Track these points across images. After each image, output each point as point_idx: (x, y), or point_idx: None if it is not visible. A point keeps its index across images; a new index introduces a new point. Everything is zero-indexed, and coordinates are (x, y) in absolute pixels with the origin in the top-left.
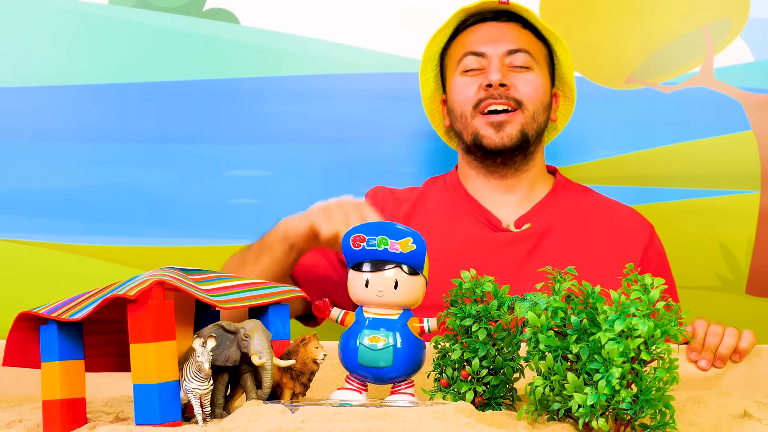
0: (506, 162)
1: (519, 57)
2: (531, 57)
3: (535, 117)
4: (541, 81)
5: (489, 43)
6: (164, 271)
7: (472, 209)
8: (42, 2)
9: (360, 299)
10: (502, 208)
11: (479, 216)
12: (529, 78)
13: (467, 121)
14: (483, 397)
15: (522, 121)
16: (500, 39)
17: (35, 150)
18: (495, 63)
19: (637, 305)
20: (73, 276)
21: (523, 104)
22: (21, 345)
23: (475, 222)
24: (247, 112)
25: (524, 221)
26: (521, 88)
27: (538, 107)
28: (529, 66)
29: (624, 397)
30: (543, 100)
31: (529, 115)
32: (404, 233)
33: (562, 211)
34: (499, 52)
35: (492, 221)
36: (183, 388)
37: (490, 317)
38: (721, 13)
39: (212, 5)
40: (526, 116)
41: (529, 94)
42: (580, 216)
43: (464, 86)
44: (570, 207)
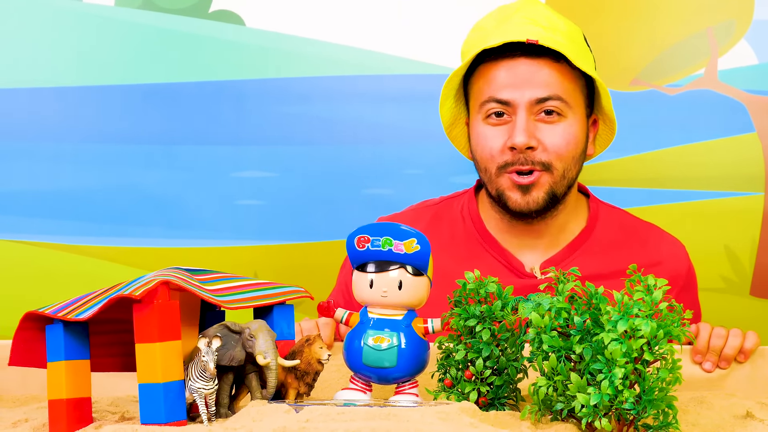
0: (532, 219)
1: (550, 105)
2: (563, 102)
3: (565, 174)
4: (573, 130)
5: (515, 89)
6: (169, 271)
7: (492, 249)
8: (48, 4)
9: (364, 300)
10: (526, 251)
11: (500, 258)
12: (560, 131)
13: (491, 178)
14: (487, 397)
15: (550, 181)
16: (528, 83)
17: (41, 151)
18: (521, 119)
19: (640, 306)
20: (78, 276)
21: (552, 165)
22: (27, 345)
23: (494, 264)
24: (252, 114)
25: (550, 266)
26: (550, 146)
27: (569, 162)
28: (561, 112)
29: (627, 397)
30: (575, 152)
31: (559, 174)
32: (408, 234)
33: (592, 255)
34: (526, 100)
35: (514, 265)
36: (188, 388)
37: (493, 318)
38: (725, 16)
39: (218, 7)
40: (555, 176)
41: (558, 151)
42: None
43: (487, 139)
44: (601, 250)
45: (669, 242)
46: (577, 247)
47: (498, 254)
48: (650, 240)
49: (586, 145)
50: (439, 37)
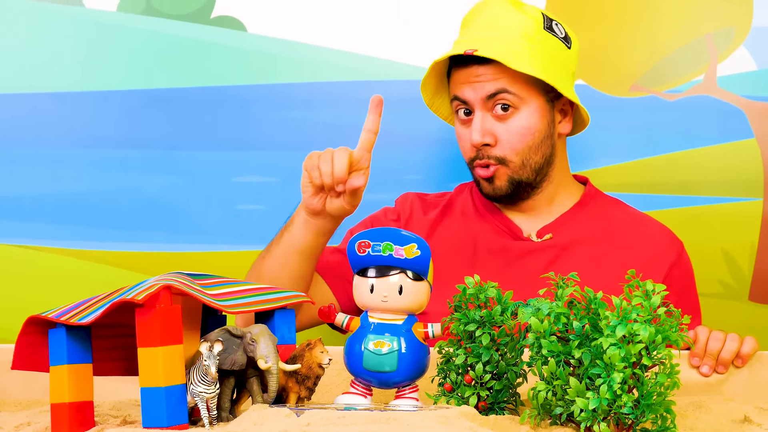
0: (510, 201)
1: (500, 99)
2: (513, 95)
3: (525, 162)
4: (527, 122)
5: (469, 87)
6: (171, 275)
7: (494, 218)
8: (49, 9)
9: (365, 304)
10: (524, 219)
11: (501, 224)
12: (513, 127)
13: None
14: (486, 401)
15: (508, 173)
16: (479, 82)
17: (42, 155)
18: (476, 120)
19: (639, 311)
20: (80, 281)
21: (506, 159)
22: (30, 349)
23: (497, 230)
24: (254, 119)
25: (546, 231)
26: (505, 141)
27: (526, 153)
28: (514, 105)
29: (625, 401)
30: (532, 142)
31: (517, 165)
32: (409, 239)
33: (586, 223)
34: (478, 98)
35: (513, 230)
36: (190, 392)
37: (493, 322)
38: (724, 22)
39: (220, 13)
40: (512, 168)
41: (512, 146)
42: (605, 229)
43: (460, 138)
44: (596, 220)
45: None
46: (572, 216)
47: (499, 221)
48: (646, 222)
49: (551, 129)
50: (440, 43)
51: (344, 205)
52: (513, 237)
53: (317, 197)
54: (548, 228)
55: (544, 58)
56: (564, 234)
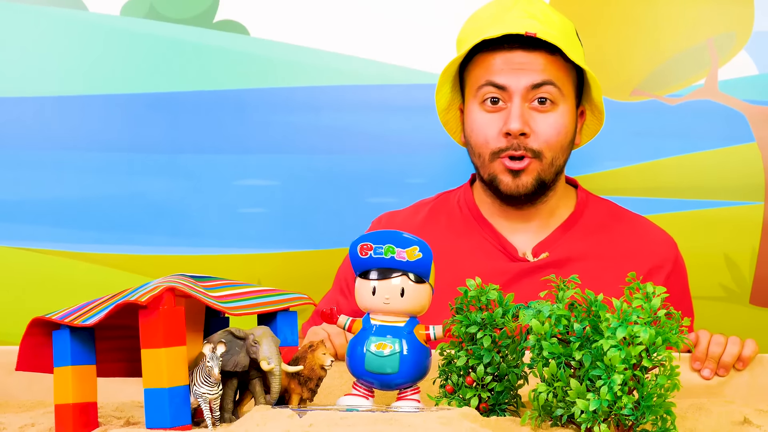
0: (522, 203)
1: (544, 90)
2: (557, 89)
3: (553, 162)
4: (564, 120)
5: (511, 74)
6: (175, 278)
7: (487, 234)
8: (52, 13)
9: (367, 307)
10: (519, 234)
11: (494, 242)
12: (551, 121)
13: (485, 162)
14: (487, 403)
15: (539, 168)
16: (524, 70)
17: (46, 159)
18: (516, 106)
19: (639, 313)
20: (84, 284)
21: (542, 153)
22: (34, 350)
23: (490, 248)
24: (256, 123)
25: (542, 249)
26: (541, 135)
27: (558, 152)
28: (554, 100)
29: (626, 403)
30: (564, 142)
31: (547, 163)
32: (411, 242)
33: (582, 237)
34: (521, 86)
35: (508, 249)
36: (193, 393)
37: (494, 325)
38: (725, 27)
39: (222, 17)
40: (543, 164)
41: (548, 141)
42: (601, 241)
43: (483, 125)
44: (591, 231)
45: (657, 230)
46: (567, 230)
47: (493, 239)
48: (638, 226)
49: (574, 134)
50: (442, 47)
51: None
52: (508, 257)
53: None
54: (543, 245)
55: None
56: (560, 250)
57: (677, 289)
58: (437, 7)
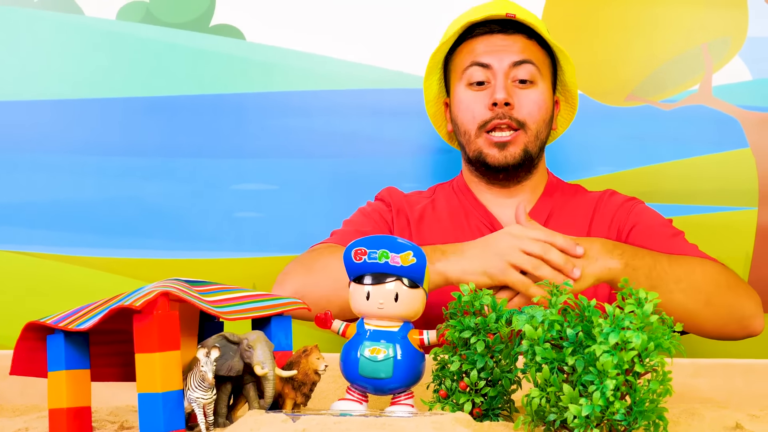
0: (509, 177)
1: (524, 69)
2: (536, 68)
3: (537, 135)
4: (543, 96)
5: (494, 54)
6: (169, 282)
7: (478, 213)
8: (49, 17)
9: (361, 311)
10: (506, 210)
11: (485, 220)
12: (533, 96)
13: (471, 138)
14: (481, 408)
15: (525, 140)
16: (505, 50)
17: (42, 163)
18: (500, 80)
19: (631, 318)
20: (78, 287)
21: (526, 125)
22: (28, 354)
23: (481, 225)
24: (252, 127)
25: None
26: (524, 108)
27: (541, 125)
28: (533, 79)
29: (618, 408)
30: (545, 117)
31: (532, 134)
32: (405, 247)
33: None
34: (504, 64)
35: (495, 227)
36: (187, 398)
37: (488, 330)
38: (720, 33)
39: (218, 21)
40: (528, 136)
41: (532, 113)
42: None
43: (469, 102)
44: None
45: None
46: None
47: (483, 216)
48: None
49: (552, 115)
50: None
51: None
52: None
53: None
54: None
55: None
56: None
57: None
58: (431, 13)
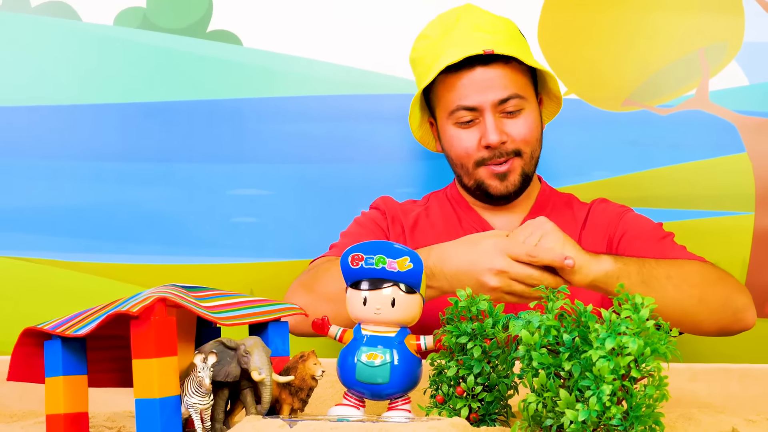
0: (510, 201)
1: (511, 103)
2: (521, 98)
3: (533, 154)
4: (532, 118)
5: (479, 94)
6: (166, 288)
7: (472, 219)
8: (46, 22)
9: (358, 317)
10: (499, 219)
11: (478, 227)
12: (521, 123)
13: (469, 171)
14: (478, 413)
15: (522, 165)
16: (490, 88)
17: (39, 168)
18: (489, 121)
19: (628, 324)
20: (76, 293)
21: (522, 150)
22: (26, 360)
23: (474, 231)
24: (249, 132)
25: None
26: (517, 136)
27: (534, 145)
28: (521, 107)
29: (614, 413)
30: (537, 135)
31: (528, 157)
32: (402, 252)
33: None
34: (489, 102)
35: None
36: (184, 403)
37: (485, 335)
38: (716, 38)
39: (216, 27)
40: (525, 159)
41: (525, 138)
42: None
43: (461, 140)
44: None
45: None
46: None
47: (477, 223)
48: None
49: (542, 125)
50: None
51: None
52: None
53: None
54: None
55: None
56: None
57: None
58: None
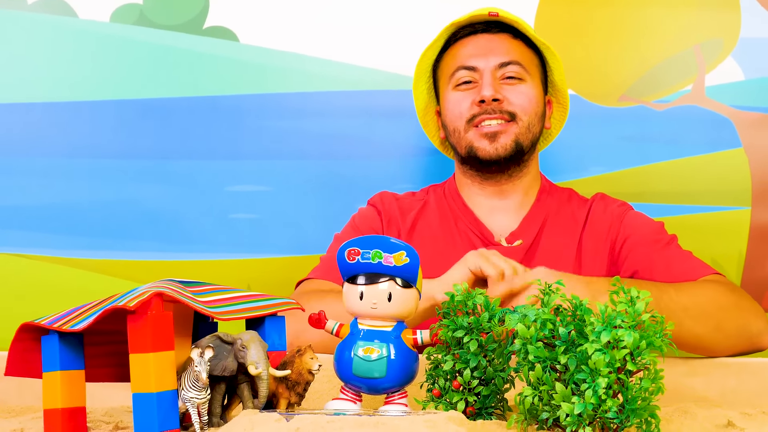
0: (501, 170)
1: (511, 69)
2: (523, 68)
3: (530, 127)
4: (534, 91)
5: (480, 56)
6: (163, 283)
7: (468, 221)
8: (43, 19)
9: (354, 311)
10: (497, 217)
11: (473, 228)
12: (522, 89)
13: (461, 135)
14: (474, 406)
15: (516, 131)
16: (491, 52)
17: (36, 165)
18: (487, 77)
19: (623, 317)
20: (73, 289)
21: (517, 116)
22: (23, 355)
23: (470, 234)
24: (247, 129)
25: (516, 236)
26: (514, 101)
27: (533, 118)
28: (521, 77)
29: (610, 406)
30: (537, 110)
31: (524, 126)
32: (398, 247)
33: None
34: (490, 65)
35: (485, 235)
36: (181, 398)
37: (481, 329)
38: (712, 33)
39: (212, 23)
40: (520, 127)
41: (522, 105)
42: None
43: (457, 101)
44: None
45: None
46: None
47: (472, 224)
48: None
49: (544, 111)
50: None
51: None
52: (484, 242)
53: None
54: (517, 232)
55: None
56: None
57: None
58: (425, 14)
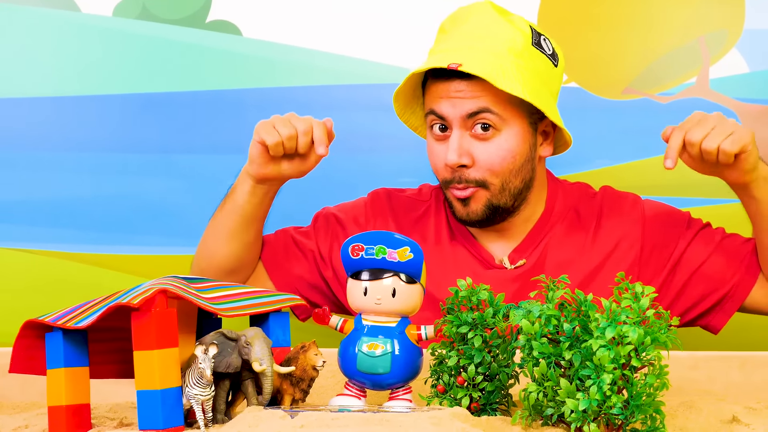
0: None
1: (482, 118)
2: (494, 115)
3: (505, 186)
4: (509, 144)
5: (449, 104)
6: (167, 279)
7: (465, 241)
8: (45, 13)
9: (358, 307)
10: (495, 241)
11: (471, 250)
12: (493, 149)
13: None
14: (479, 402)
15: (488, 196)
16: (460, 99)
17: (39, 160)
18: (454, 138)
19: (628, 313)
20: (77, 284)
21: (486, 182)
22: (27, 352)
23: (468, 255)
24: (250, 123)
25: (518, 254)
26: (483, 163)
27: (507, 176)
28: (496, 126)
29: (615, 402)
30: (513, 166)
31: (497, 189)
32: (402, 243)
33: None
34: (457, 115)
35: (484, 257)
36: (185, 394)
37: (485, 325)
38: (717, 25)
39: (215, 17)
40: (492, 191)
41: (492, 168)
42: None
43: (433, 154)
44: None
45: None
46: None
47: (470, 245)
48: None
49: (532, 152)
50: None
51: (300, 168)
52: (484, 265)
53: (270, 165)
54: (519, 250)
55: (531, 76)
56: (535, 253)
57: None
58: (429, 7)
